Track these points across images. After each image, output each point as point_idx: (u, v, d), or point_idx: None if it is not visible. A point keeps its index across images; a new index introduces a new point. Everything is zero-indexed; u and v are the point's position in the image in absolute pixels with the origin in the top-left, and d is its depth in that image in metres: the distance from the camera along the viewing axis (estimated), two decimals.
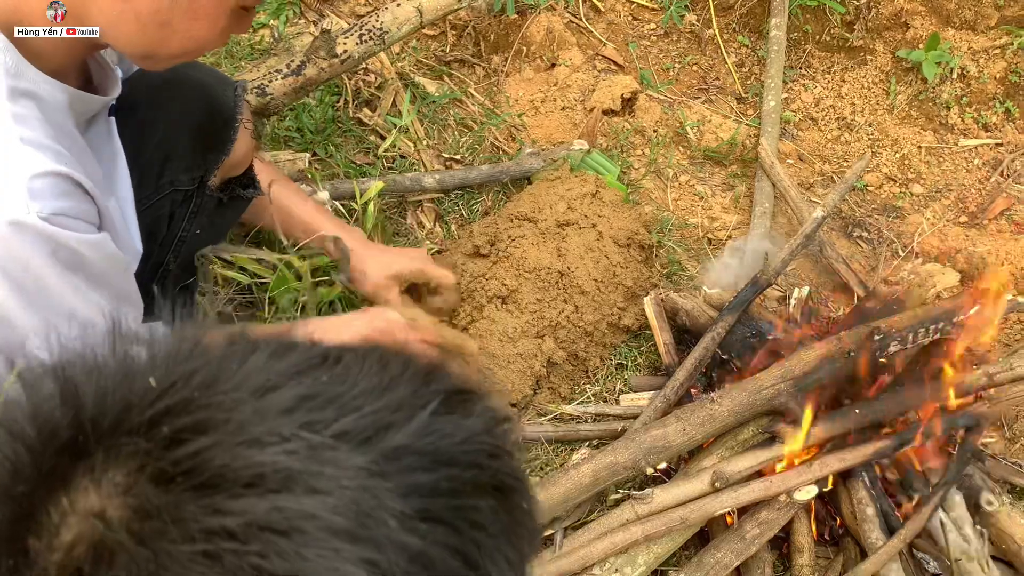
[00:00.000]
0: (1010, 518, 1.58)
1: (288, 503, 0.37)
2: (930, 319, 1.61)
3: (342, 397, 0.42)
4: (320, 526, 0.37)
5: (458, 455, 0.43)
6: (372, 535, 0.38)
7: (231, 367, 0.42)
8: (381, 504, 0.38)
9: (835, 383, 1.57)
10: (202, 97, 1.35)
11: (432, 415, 0.43)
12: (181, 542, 0.36)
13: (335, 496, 0.38)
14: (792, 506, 1.50)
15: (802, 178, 2.38)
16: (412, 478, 0.40)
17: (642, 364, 1.87)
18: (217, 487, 0.37)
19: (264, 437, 0.39)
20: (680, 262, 2.08)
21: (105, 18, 0.97)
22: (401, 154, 2.12)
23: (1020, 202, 2.36)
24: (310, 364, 0.44)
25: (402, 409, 0.43)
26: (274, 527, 0.36)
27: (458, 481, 0.42)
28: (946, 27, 2.60)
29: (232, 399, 0.40)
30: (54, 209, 0.92)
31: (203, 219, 1.43)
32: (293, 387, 0.41)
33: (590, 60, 2.53)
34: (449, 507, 0.41)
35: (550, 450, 1.71)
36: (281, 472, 0.38)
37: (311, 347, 0.46)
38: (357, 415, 0.41)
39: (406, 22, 2.00)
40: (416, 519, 0.39)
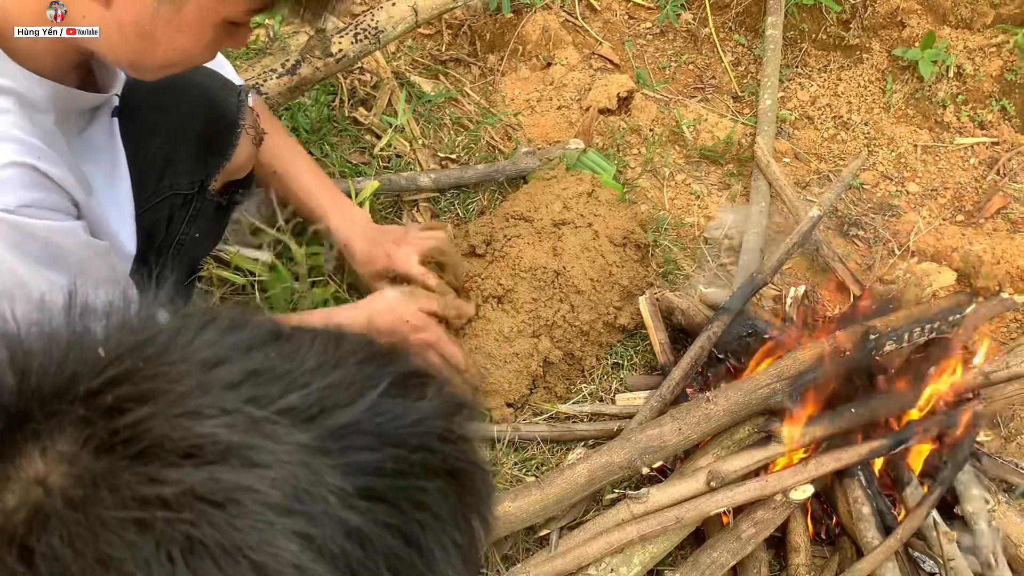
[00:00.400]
0: (1006, 517, 1.58)
1: (224, 475, 0.37)
2: (926, 318, 1.60)
3: (290, 374, 0.42)
4: (255, 499, 0.37)
5: (407, 437, 0.43)
6: (308, 510, 0.38)
7: (182, 340, 0.42)
8: (320, 480, 0.39)
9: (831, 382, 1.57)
10: (205, 101, 1.34)
11: (381, 396, 0.43)
12: (114, 508, 0.37)
13: (273, 470, 0.38)
14: (788, 505, 1.50)
15: (798, 177, 2.38)
16: (356, 456, 0.41)
17: (638, 363, 1.87)
18: (154, 456, 0.38)
19: (205, 409, 0.39)
20: (676, 261, 2.08)
21: (88, 25, 0.97)
22: (397, 153, 2.11)
23: (1016, 200, 2.36)
24: (261, 340, 0.44)
25: (351, 388, 0.43)
26: (208, 497, 0.37)
27: (405, 462, 0.42)
28: (942, 25, 2.60)
29: (178, 371, 0.41)
30: (21, 200, 0.91)
31: (202, 223, 1.43)
32: (241, 362, 0.42)
33: (586, 59, 2.53)
34: (393, 487, 0.41)
35: (546, 450, 1.71)
36: (220, 444, 0.38)
37: (264, 324, 0.46)
38: (303, 392, 0.41)
39: (401, 21, 2.00)
40: (356, 497, 0.39)
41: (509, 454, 1.68)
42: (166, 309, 0.46)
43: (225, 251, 1.74)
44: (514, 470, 1.66)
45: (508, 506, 1.43)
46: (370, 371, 0.45)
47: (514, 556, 1.55)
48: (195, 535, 0.36)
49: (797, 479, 1.47)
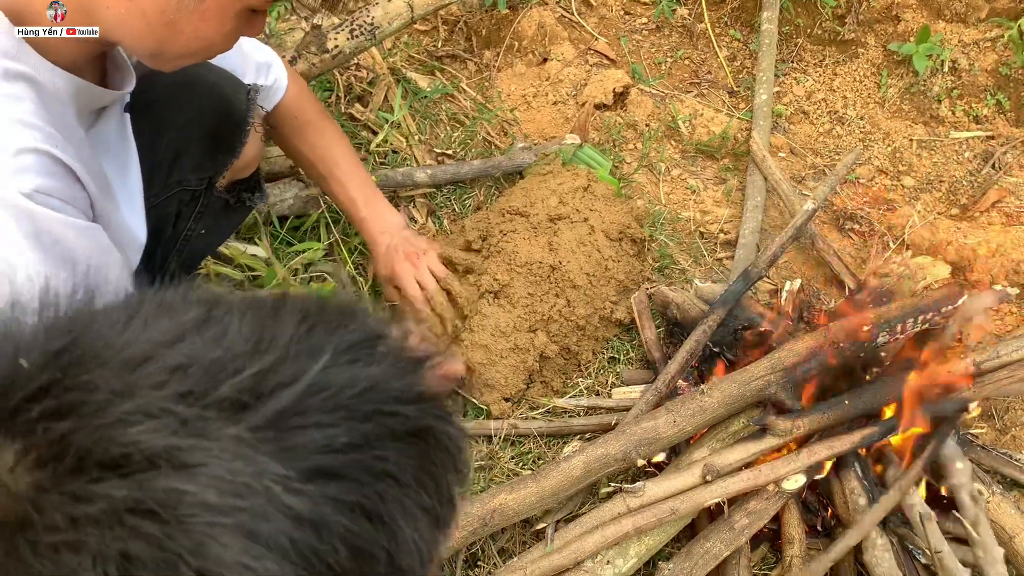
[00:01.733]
0: (1000, 508, 1.58)
1: (154, 482, 0.36)
2: (918, 309, 1.61)
3: (219, 362, 0.40)
4: (190, 502, 0.36)
5: (357, 406, 0.41)
6: (249, 504, 0.36)
7: (106, 339, 0.41)
8: (260, 471, 0.37)
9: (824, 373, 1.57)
10: (215, 99, 1.36)
11: (325, 369, 0.41)
12: (45, 533, 0.35)
13: (207, 469, 0.37)
14: (781, 495, 1.51)
15: (794, 171, 2.39)
16: (300, 438, 0.39)
17: (634, 358, 1.88)
18: (79, 472, 0.36)
19: (129, 416, 0.37)
20: (672, 256, 2.08)
21: (113, 15, 0.98)
22: (393, 149, 2.12)
23: (1011, 194, 2.37)
24: (188, 328, 0.42)
25: (289, 366, 0.41)
26: (139, 508, 0.35)
27: (358, 433, 0.41)
28: (937, 20, 2.60)
29: (98, 377, 0.39)
30: (38, 186, 0.90)
31: (208, 220, 1.44)
32: (166, 357, 0.40)
33: (582, 55, 2.53)
34: (347, 461, 0.40)
35: (543, 444, 1.72)
36: (146, 451, 0.37)
37: (194, 305, 0.44)
38: (234, 380, 0.39)
39: (397, 17, 2.00)
40: (303, 480, 0.38)
41: (506, 448, 1.69)
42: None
43: (224, 246, 1.75)
44: (511, 464, 1.67)
45: (504, 499, 1.43)
46: (312, 343, 0.43)
47: (510, 549, 1.56)
48: (130, 550, 0.35)
49: (790, 468, 1.48)
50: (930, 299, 1.64)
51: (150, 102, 1.24)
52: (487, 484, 1.62)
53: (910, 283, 1.83)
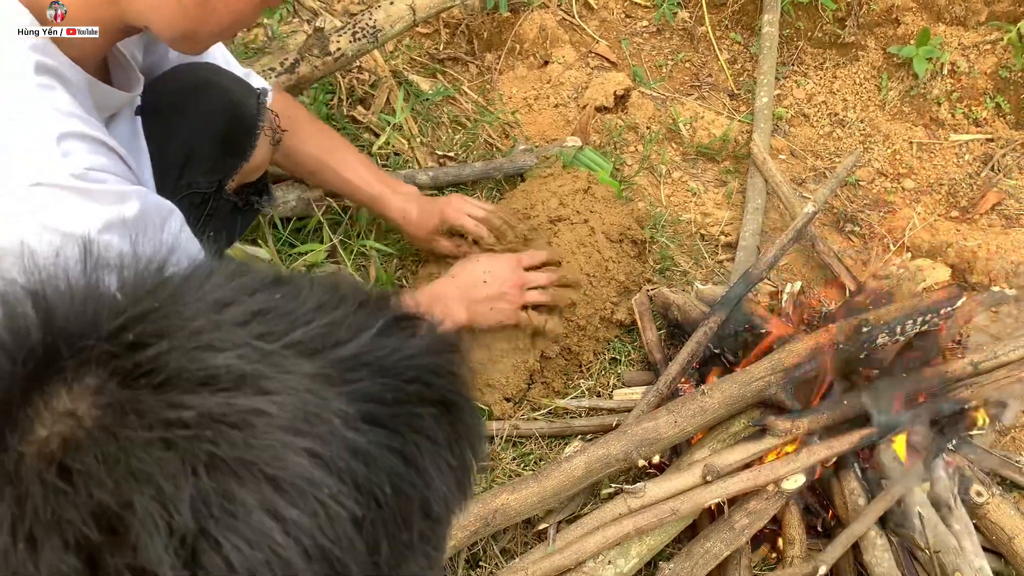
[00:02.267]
0: (999, 510, 1.59)
1: (239, 400, 0.41)
2: (917, 311, 1.62)
3: (293, 312, 0.46)
4: (268, 421, 0.41)
5: (403, 369, 0.47)
6: (317, 431, 0.42)
7: (192, 285, 0.46)
8: (327, 405, 0.43)
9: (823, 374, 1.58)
10: (226, 103, 1.37)
11: (378, 334, 0.47)
12: (141, 430, 0.40)
13: (283, 395, 0.42)
14: (780, 495, 1.51)
15: (794, 174, 2.39)
16: (358, 385, 0.44)
17: (635, 359, 1.88)
18: (175, 385, 0.41)
19: (218, 343, 0.43)
20: (673, 257, 2.09)
21: (145, 3, 0.99)
22: (395, 151, 2.13)
23: (1010, 196, 2.38)
24: (264, 284, 0.48)
25: (350, 326, 0.47)
26: (225, 420, 0.40)
27: (402, 392, 0.46)
28: (936, 23, 2.61)
29: (191, 310, 0.44)
30: (90, 165, 0.92)
31: (217, 222, 1.45)
32: (248, 302, 0.46)
33: (583, 57, 2.54)
34: (392, 414, 0.45)
35: (544, 445, 1.72)
36: (233, 373, 0.42)
37: (265, 271, 0.50)
38: (306, 328, 0.45)
39: (399, 20, 2.01)
40: (359, 420, 0.43)
41: (507, 449, 1.70)
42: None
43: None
44: (513, 464, 1.68)
45: (506, 499, 1.44)
46: (366, 312, 0.49)
47: (512, 550, 1.57)
48: (215, 452, 0.40)
49: (789, 468, 1.48)
50: (929, 301, 1.65)
51: (161, 105, 1.26)
52: (489, 484, 1.62)
53: (910, 285, 1.84)
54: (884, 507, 1.52)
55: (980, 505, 1.59)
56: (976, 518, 1.61)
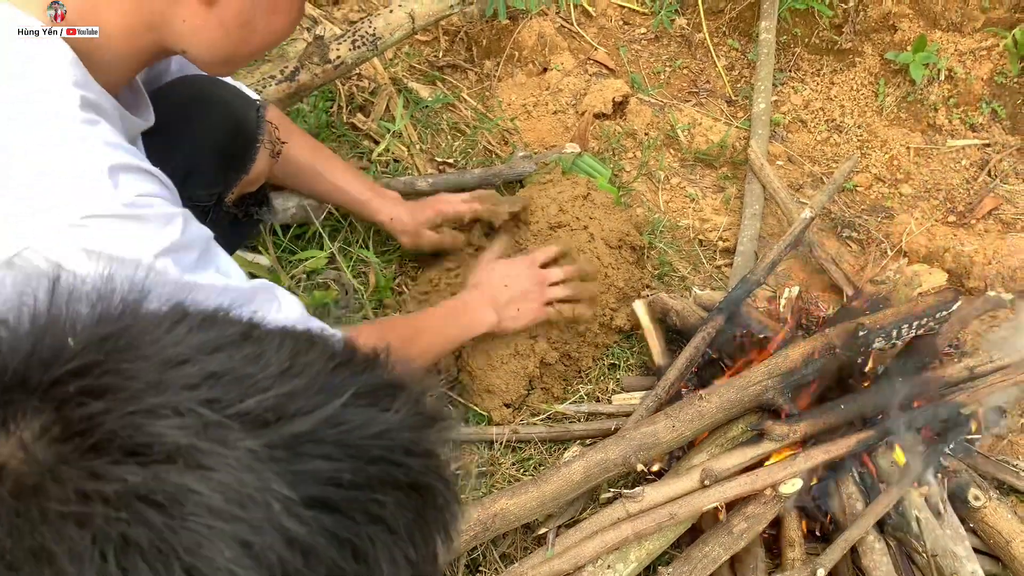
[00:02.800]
0: (996, 514, 1.60)
1: (167, 475, 0.38)
2: (913, 315, 1.63)
3: (251, 377, 0.42)
4: (196, 501, 0.38)
5: (367, 447, 0.43)
6: (250, 516, 0.38)
7: (151, 336, 0.43)
8: (266, 487, 0.39)
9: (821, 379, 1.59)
10: (226, 116, 1.37)
11: (345, 405, 0.43)
12: (56, 502, 0.37)
13: (218, 474, 0.38)
14: (778, 499, 1.52)
15: (792, 180, 2.41)
16: (309, 465, 0.41)
17: (634, 364, 1.89)
18: (104, 451, 0.38)
19: (159, 409, 0.39)
20: (671, 263, 2.10)
21: (188, 28, 0.99)
22: (395, 158, 2.14)
23: (1007, 201, 2.39)
24: (229, 341, 0.44)
25: (313, 396, 0.43)
26: (148, 497, 0.37)
27: (362, 474, 0.42)
28: (933, 29, 2.63)
29: (138, 368, 0.41)
30: (139, 192, 0.92)
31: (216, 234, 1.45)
32: (203, 362, 0.42)
33: (581, 64, 2.56)
34: (347, 498, 0.41)
35: (544, 450, 1.73)
36: (168, 445, 0.38)
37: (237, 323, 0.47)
38: (261, 396, 0.41)
39: (398, 28, 2.02)
40: (303, 506, 0.40)
41: (507, 454, 1.70)
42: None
43: None
44: (512, 469, 1.68)
45: (506, 504, 1.45)
46: (338, 379, 0.45)
47: (512, 555, 1.57)
48: (130, 535, 0.37)
49: (786, 472, 1.49)
50: (924, 305, 1.66)
51: (162, 119, 1.26)
52: (488, 489, 1.63)
53: (907, 290, 1.85)
54: (881, 511, 1.53)
55: (977, 509, 1.60)
56: (973, 522, 1.61)
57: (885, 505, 1.52)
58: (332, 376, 0.45)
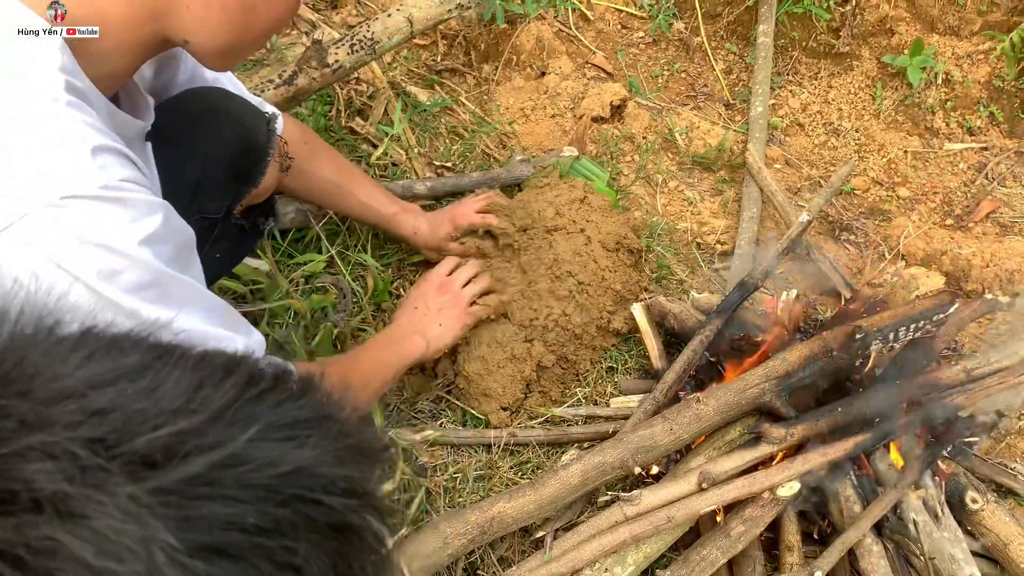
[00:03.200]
0: (995, 516, 1.60)
1: (33, 527, 0.34)
2: (910, 318, 1.63)
3: (142, 414, 0.38)
4: (66, 556, 0.33)
5: (279, 487, 0.39)
6: (128, 571, 0.34)
7: (39, 367, 0.39)
8: (148, 536, 0.35)
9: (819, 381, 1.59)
10: (237, 130, 1.37)
11: (252, 441, 0.39)
12: None
13: (92, 523, 0.34)
14: (776, 502, 1.52)
15: (789, 183, 2.41)
16: (204, 509, 0.37)
17: (632, 367, 1.89)
18: None
19: (30, 452, 0.35)
20: (669, 266, 2.10)
21: (191, 15, 0.99)
22: (393, 162, 2.14)
23: (1005, 204, 2.39)
24: (124, 372, 0.40)
25: (216, 431, 0.39)
26: (10, 553, 0.33)
27: (269, 517, 0.38)
28: (930, 33, 2.63)
29: (14, 406, 0.37)
30: (124, 177, 0.90)
31: (223, 244, 1.46)
32: (91, 397, 0.38)
33: (579, 68, 2.56)
34: (251, 545, 0.37)
35: (541, 453, 1.73)
36: (37, 492, 0.34)
37: (140, 350, 0.42)
38: (151, 436, 0.37)
39: (397, 32, 2.03)
40: (194, 556, 0.35)
41: (505, 458, 1.70)
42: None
43: None
44: (510, 473, 1.68)
45: (503, 507, 1.45)
46: (248, 411, 0.41)
47: (509, 558, 1.57)
48: None
49: (784, 475, 1.49)
50: (922, 307, 1.66)
51: (172, 131, 1.26)
52: (486, 493, 1.63)
53: (904, 293, 1.86)
54: (878, 514, 1.53)
55: (975, 512, 1.60)
56: (971, 525, 1.62)
57: (883, 508, 1.52)
58: (246, 407, 0.41)
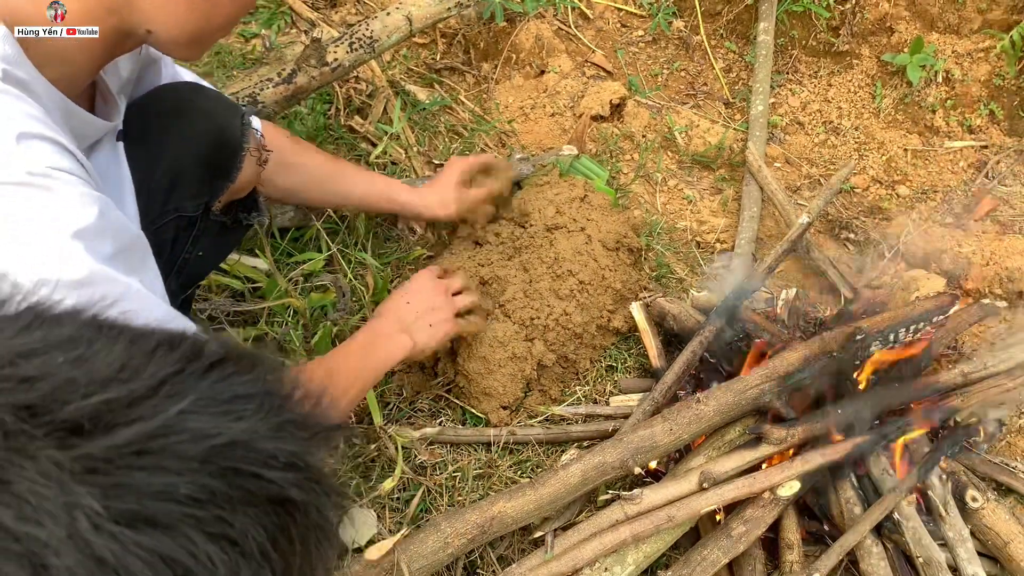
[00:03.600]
0: (995, 515, 1.60)
1: None
2: (910, 319, 1.63)
3: (73, 383, 0.38)
4: None
5: (213, 459, 0.39)
6: (48, 535, 0.34)
7: None
8: (71, 502, 0.35)
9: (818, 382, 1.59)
10: (210, 126, 1.36)
11: (185, 413, 0.39)
12: None
13: (13, 487, 0.34)
14: (776, 502, 1.52)
15: (789, 182, 2.41)
16: (134, 478, 0.36)
17: (632, 366, 1.89)
18: None
19: None
20: (669, 265, 2.10)
21: (151, 4, 0.97)
22: (392, 161, 2.14)
23: (1005, 203, 2.39)
24: (56, 343, 0.40)
25: (149, 402, 0.39)
26: None
27: (203, 488, 0.38)
28: (930, 31, 2.63)
29: None
30: (51, 164, 0.85)
31: (206, 241, 1.44)
32: (20, 366, 0.38)
33: (579, 67, 2.56)
34: (182, 514, 0.37)
35: (541, 452, 1.73)
36: None
37: (75, 325, 0.42)
38: (80, 404, 0.37)
39: (396, 30, 2.03)
40: (120, 522, 0.35)
41: (504, 456, 1.70)
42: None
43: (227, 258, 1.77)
44: (510, 472, 1.68)
45: (503, 506, 1.45)
46: (186, 384, 0.41)
47: (509, 557, 1.57)
48: None
49: (784, 475, 1.49)
50: (921, 309, 1.66)
51: (145, 130, 1.24)
52: (486, 492, 1.63)
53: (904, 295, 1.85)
54: (877, 517, 1.53)
55: (975, 510, 1.60)
56: (971, 523, 1.61)
57: (882, 511, 1.52)
58: (182, 380, 0.41)
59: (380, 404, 1.71)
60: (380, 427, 1.66)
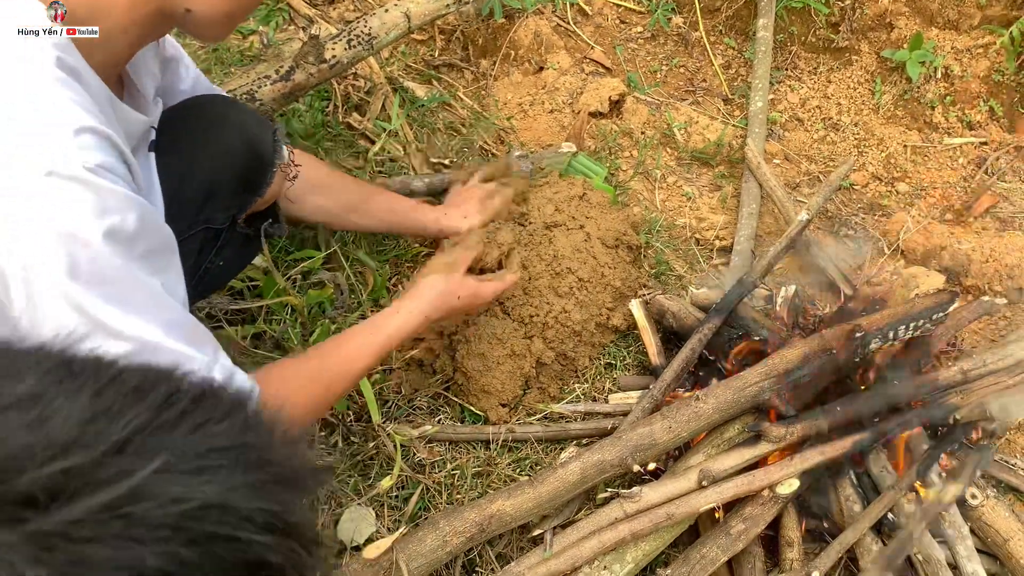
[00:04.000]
0: (994, 512, 1.60)
1: None
2: (910, 316, 1.63)
3: (28, 449, 0.35)
4: None
5: (186, 525, 0.36)
6: None
7: None
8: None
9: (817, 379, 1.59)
10: (244, 140, 1.37)
11: (155, 474, 0.36)
12: None
13: None
14: (776, 500, 1.52)
15: (788, 178, 2.40)
16: (96, 553, 0.34)
17: (631, 364, 1.89)
18: None
19: None
20: (668, 262, 2.10)
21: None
22: (390, 158, 2.13)
23: (1004, 199, 2.39)
24: (13, 402, 0.37)
25: (113, 465, 0.36)
26: None
27: (173, 558, 0.35)
28: (929, 27, 2.62)
29: None
30: (100, 162, 0.89)
31: (228, 252, 1.46)
32: None
33: (578, 63, 2.55)
34: None
35: (540, 449, 1.73)
36: None
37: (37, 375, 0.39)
38: (35, 474, 0.34)
39: (394, 27, 2.02)
40: None
41: (503, 454, 1.70)
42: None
43: None
44: (508, 470, 1.68)
45: (502, 504, 1.44)
46: (154, 441, 0.38)
47: (508, 555, 1.57)
48: None
49: (783, 473, 1.49)
50: (921, 306, 1.66)
51: (177, 141, 1.25)
52: (484, 490, 1.63)
53: (904, 292, 1.85)
54: (876, 516, 1.53)
55: (975, 508, 1.60)
56: (971, 520, 1.61)
57: (881, 509, 1.52)
58: (151, 436, 0.38)
59: (378, 402, 1.70)
60: (378, 425, 1.65)
